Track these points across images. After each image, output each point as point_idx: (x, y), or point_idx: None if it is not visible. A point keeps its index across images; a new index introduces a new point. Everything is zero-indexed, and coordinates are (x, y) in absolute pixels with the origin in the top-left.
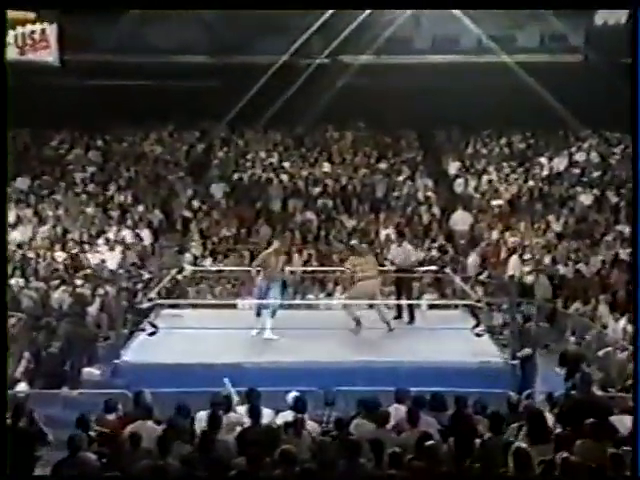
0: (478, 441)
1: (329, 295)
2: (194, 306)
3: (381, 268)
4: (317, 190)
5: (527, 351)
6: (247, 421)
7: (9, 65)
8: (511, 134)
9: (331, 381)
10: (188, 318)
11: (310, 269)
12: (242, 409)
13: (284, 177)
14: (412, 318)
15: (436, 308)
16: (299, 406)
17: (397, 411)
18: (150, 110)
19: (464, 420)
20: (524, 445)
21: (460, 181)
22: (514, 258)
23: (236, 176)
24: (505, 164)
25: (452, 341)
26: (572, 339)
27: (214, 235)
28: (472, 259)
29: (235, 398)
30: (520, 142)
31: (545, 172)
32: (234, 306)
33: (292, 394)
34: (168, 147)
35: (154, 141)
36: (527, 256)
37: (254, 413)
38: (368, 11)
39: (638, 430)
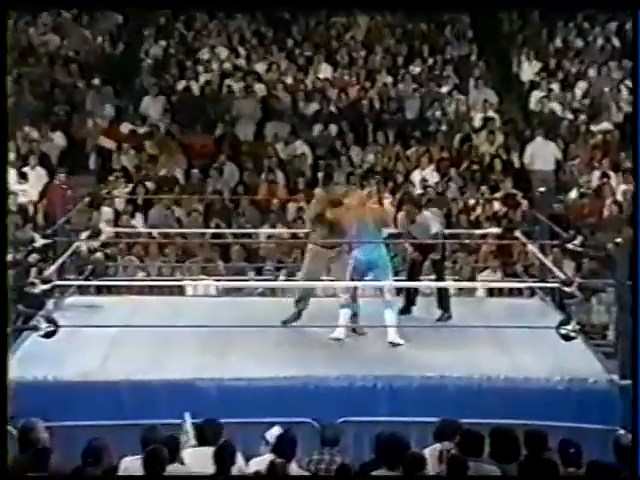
0: None
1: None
2: (118, 290)
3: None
4: (311, 108)
5: None
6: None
7: None
8: (625, 17)
9: (331, 408)
10: (109, 309)
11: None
12: (192, 453)
13: (258, 87)
14: (446, 310)
15: (499, 293)
16: (284, 447)
17: (436, 455)
18: None
19: (544, 470)
20: None
21: (539, 93)
22: (626, 215)
23: (182, 85)
24: (613, 64)
25: (524, 346)
26: None
27: (148, 178)
28: (558, 216)
29: (189, 439)
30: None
31: None
32: (181, 290)
33: (274, 429)
34: (73, 37)
35: (49, 28)
36: None
37: (218, 461)
38: None
39: (638, 430)
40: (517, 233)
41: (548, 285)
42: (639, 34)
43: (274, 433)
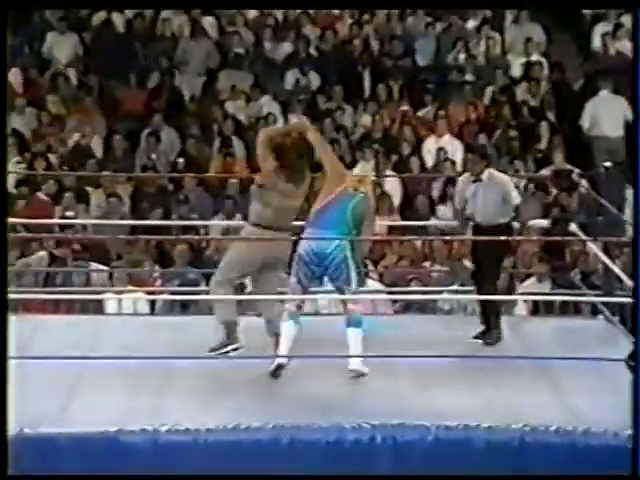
0: None
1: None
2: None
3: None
4: (283, 50)
5: None
6: None
7: None
8: None
9: (314, 470)
10: None
11: None
12: None
13: (209, 22)
14: (489, 328)
15: (548, 311)
16: None
17: None
18: None
19: None
20: None
21: (605, 28)
22: None
23: (100, 17)
24: None
25: (583, 385)
26: None
27: (51, 148)
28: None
29: None
30: None
31: None
32: (99, 306)
33: None
34: None
35: None
36: None
37: None
38: None
39: (638, 430)
40: (572, 227)
41: (616, 300)
42: (639, 34)
43: None
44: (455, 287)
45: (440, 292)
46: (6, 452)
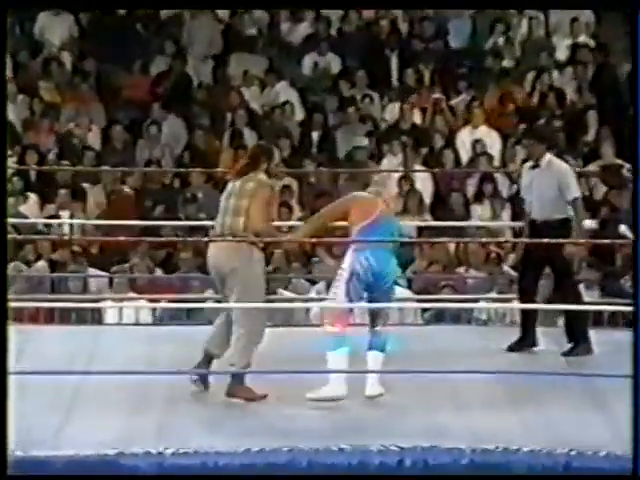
0: None
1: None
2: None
3: None
4: (300, 32)
5: None
6: None
7: None
8: None
9: None
10: None
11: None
12: None
13: None
14: (577, 342)
15: (597, 322)
16: None
17: None
18: None
19: None
20: None
21: None
22: None
23: None
24: None
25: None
26: None
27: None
28: None
29: None
30: None
31: None
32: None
33: None
34: None
35: None
36: None
37: None
38: None
39: (638, 430)
40: (622, 228)
41: None
42: (639, 34)
43: None
44: (493, 294)
45: (476, 300)
46: (6, 452)
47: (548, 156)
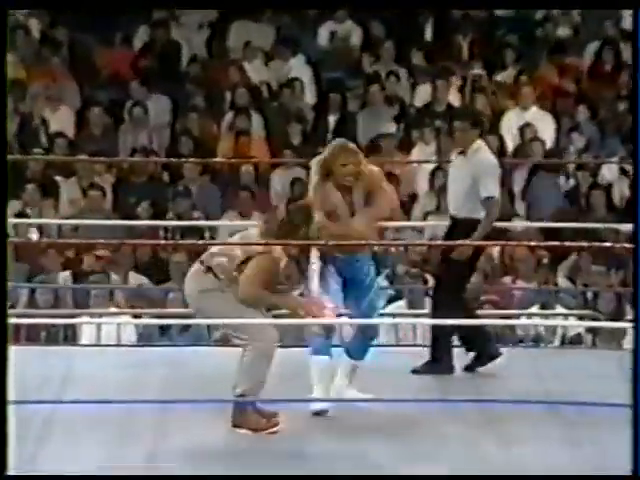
0: None
1: None
2: None
3: None
4: None
5: None
6: None
7: None
8: None
9: None
10: None
11: None
12: None
13: None
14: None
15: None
16: None
17: None
18: None
19: None
20: None
21: None
22: None
23: None
24: None
25: None
26: None
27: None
28: None
29: None
30: None
31: None
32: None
33: None
34: None
35: None
36: None
37: None
38: None
39: (638, 429)
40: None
41: None
42: (639, 34)
43: None
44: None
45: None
46: (6, 452)
47: (478, 143)
